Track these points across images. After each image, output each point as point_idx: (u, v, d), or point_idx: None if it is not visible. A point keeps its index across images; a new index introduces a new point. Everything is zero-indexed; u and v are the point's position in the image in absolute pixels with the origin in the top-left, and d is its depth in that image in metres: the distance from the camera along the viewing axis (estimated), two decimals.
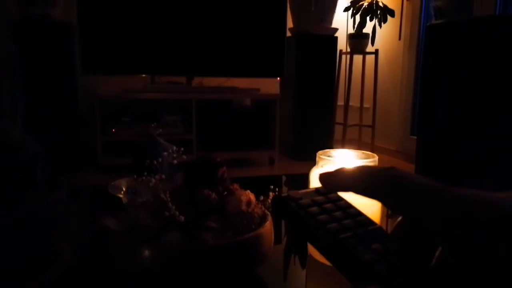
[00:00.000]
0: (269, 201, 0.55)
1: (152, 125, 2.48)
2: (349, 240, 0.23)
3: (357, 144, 3.21)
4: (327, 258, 0.24)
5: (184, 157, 0.58)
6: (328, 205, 0.27)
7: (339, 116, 3.03)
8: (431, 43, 1.16)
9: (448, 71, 1.15)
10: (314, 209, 0.26)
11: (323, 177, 0.27)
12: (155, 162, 0.55)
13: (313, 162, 0.59)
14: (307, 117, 2.74)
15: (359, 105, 3.17)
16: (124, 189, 0.82)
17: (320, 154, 0.61)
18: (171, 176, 0.61)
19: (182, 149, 0.58)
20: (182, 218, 0.49)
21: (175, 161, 0.57)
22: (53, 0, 2.23)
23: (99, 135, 2.24)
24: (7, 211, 0.47)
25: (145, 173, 0.60)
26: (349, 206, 0.27)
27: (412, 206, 0.20)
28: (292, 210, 0.26)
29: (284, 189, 1.11)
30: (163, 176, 0.52)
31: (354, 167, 0.25)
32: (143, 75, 2.46)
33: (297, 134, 2.75)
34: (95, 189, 1.07)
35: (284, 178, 1.10)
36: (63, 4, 2.29)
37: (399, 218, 0.25)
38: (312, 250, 0.52)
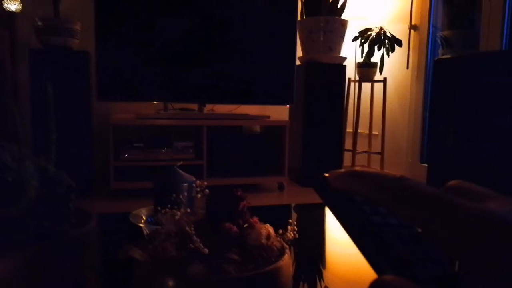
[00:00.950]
0: (287, 235, 0.58)
1: (163, 150, 2.49)
2: (390, 234, 0.22)
3: None
4: (359, 246, 0.23)
5: (207, 190, 0.61)
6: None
7: (348, 143, 3.05)
8: (438, 75, 1.20)
9: (456, 102, 1.18)
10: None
11: (336, 175, 0.25)
12: (181, 196, 0.58)
13: None
14: (316, 144, 2.77)
15: (368, 132, 3.20)
16: (144, 218, 0.85)
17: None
18: (193, 208, 0.64)
19: (206, 183, 0.61)
20: (207, 250, 0.52)
21: (199, 195, 0.60)
22: (73, 31, 2.32)
23: (112, 160, 2.28)
24: (45, 239, 0.50)
25: (169, 205, 0.63)
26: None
27: (424, 218, 0.20)
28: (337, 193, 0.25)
29: (294, 215, 1.13)
30: (188, 210, 0.55)
31: (368, 171, 0.24)
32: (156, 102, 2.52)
33: (306, 161, 2.78)
34: (111, 217, 1.10)
35: (294, 215, 1.12)
36: (82, 34, 2.39)
37: None
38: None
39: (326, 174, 0.26)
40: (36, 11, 2.43)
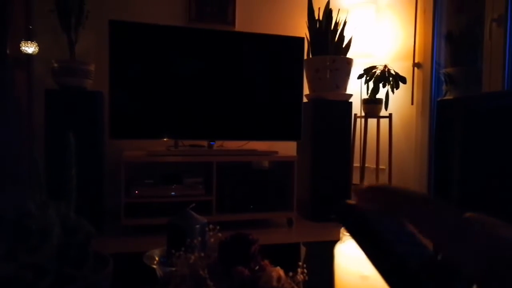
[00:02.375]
0: (298, 277, 0.60)
1: (172, 186, 2.52)
2: (412, 264, 0.22)
3: None
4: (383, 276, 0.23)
5: (220, 234, 0.64)
6: (391, 224, 0.25)
7: (355, 177, 3.06)
8: (442, 116, 1.24)
9: (461, 142, 1.21)
10: (380, 224, 0.24)
11: (362, 191, 0.25)
12: (195, 241, 0.61)
13: (331, 224, 0.62)
14: (324, 179, 2.79)
15: (375, 166, 3.21)
16: (157, 259, 0.87)
17: (343, 230, 0.65)
18: (206, 251, 0.66)
19: (218, 227, 0.64)
20: None
21: (212, 240, 0.62)
22: (88, 72, 2.42)
23: (123, 197, 2.31)
24: (66, 285, 0.52)
25: (183, 249, 0.65)
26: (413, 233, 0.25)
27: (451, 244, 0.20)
28: (360, 220, 0.25)
29: (303, 251, 1.14)
30: (202, 254, 0.58)
31: (392, 186, 0.24)
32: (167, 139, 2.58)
33: (314, 195, 2.79)
34: (124, 257, 1.12)
35: (303, 251, 1.13)
36: (96, 75, 2.48)
37: None
38: None
39: (349, 201, 0.26)
40: (52, 53, 2.54)
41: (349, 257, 0.61)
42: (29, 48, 2.58)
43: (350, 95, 2.89)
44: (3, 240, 0.50)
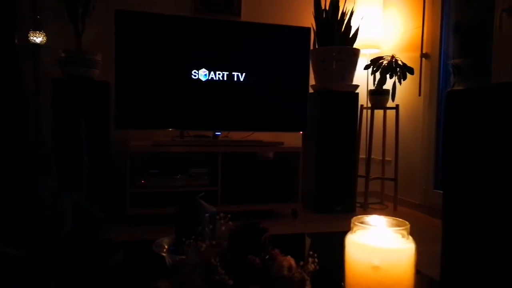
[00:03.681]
0: (309, 266, 0.60)
1: (178, 176, 2.52)
2: None
3: (380, 197, 3.21)
4: None
5: (230, 223, 0.64)
6: None
7: (361, 169, 3.06)
8: (451, 107, 1.23)
9: (471, 132, 1.20)
10: None
11: None
12: (206, 229, 0.61)
13: (336, 215, 0.61)
14: (329, 170, 2.79)
15: (381, 158, 3.20)
16: (166, 247, 0.88)
17: (354, 220, 0.65)
18: (216, 239, 0.66)
19: (229, 215, 0.64)
20: (231, 282, 0.54)
21: (223, 228, 0.62)
22: (95, 62, 2.42)
23: (129, 187, 2.33)
24: (77, 271, 0.53)
25: (193, 237, 0.66)
26: None
27: None
28: None
29: (308, 242, 1.14)
30: (214, 242, 0.58)
31: None
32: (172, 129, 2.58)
33: (319, 187, 2.79)
34: (132, 245, 1.13)
35: (308, 239, 1.13)
36: (102, 65, 2.48)
37: None
38: None
39: None
40: (59, 43, 2.54)
41: (360, 247, 0.61)
42: (37, 38, 2.57)
43: (357, 86, 2.87)
44: (17, 227, 0.51)
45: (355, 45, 2.90)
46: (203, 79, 2.50)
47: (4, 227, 0.51)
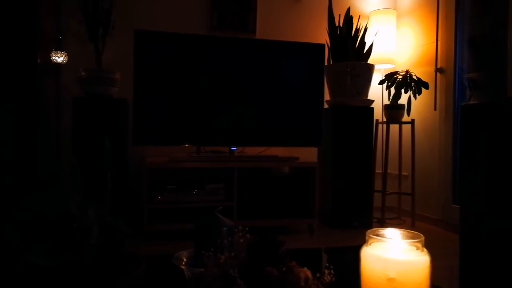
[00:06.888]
0: (325, 278, 0.61)
1: (194, 192, 2.55)
2: None
3: (397, 212, 3.18)
4: None
5: (248, 236, 0.65)
6: None
7: (377, 184, 3.04)
8: (466, 121, 1.23)
9: (487, 146, 1.20)
10: None
11: None
12: (225, 241, 0.63)
13: (352, 231, 0.62)
14: (345, 185, 2.78)
15: (397, 172, 3.18)
16: (185, 260, 0.90)
17: (369, 233, 0.66)
18: (234, 252, 0.68)
19: (247, 228, 0.65)
20: None
21: (241, 240, 0.64)
22: (114, 80, 2.49)
23: (146, 202, 2.36)
24: (102, 283, 0.55)
25: (212, 249, 0.67)
26: None
27: None
28: None
29: (324, 257, 1.14)
30: (233, 254, 0.59)
31: None
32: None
33: (336, 202, 2.78)
34: (152, 259, 1.15)
35: (325, 257, 1.13)
36: (120, 83, 2.56)
37: None
38: None
39: None
40: (80, 63, 2.62)
41: (375, 259, 0.62)
42: (59, 57, 2.67)
43: (372, 101, 2.88)
44: (48, 239, 0.53)
45: (370, 61, 2.92)
46: (219, 95, 2.55)
47: (36, 240, 0.54)
